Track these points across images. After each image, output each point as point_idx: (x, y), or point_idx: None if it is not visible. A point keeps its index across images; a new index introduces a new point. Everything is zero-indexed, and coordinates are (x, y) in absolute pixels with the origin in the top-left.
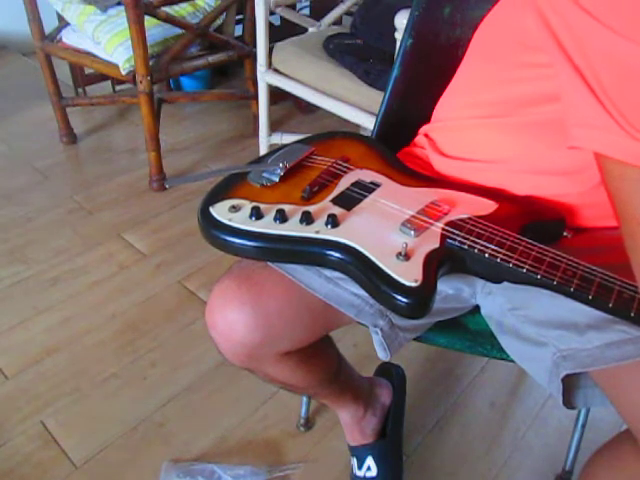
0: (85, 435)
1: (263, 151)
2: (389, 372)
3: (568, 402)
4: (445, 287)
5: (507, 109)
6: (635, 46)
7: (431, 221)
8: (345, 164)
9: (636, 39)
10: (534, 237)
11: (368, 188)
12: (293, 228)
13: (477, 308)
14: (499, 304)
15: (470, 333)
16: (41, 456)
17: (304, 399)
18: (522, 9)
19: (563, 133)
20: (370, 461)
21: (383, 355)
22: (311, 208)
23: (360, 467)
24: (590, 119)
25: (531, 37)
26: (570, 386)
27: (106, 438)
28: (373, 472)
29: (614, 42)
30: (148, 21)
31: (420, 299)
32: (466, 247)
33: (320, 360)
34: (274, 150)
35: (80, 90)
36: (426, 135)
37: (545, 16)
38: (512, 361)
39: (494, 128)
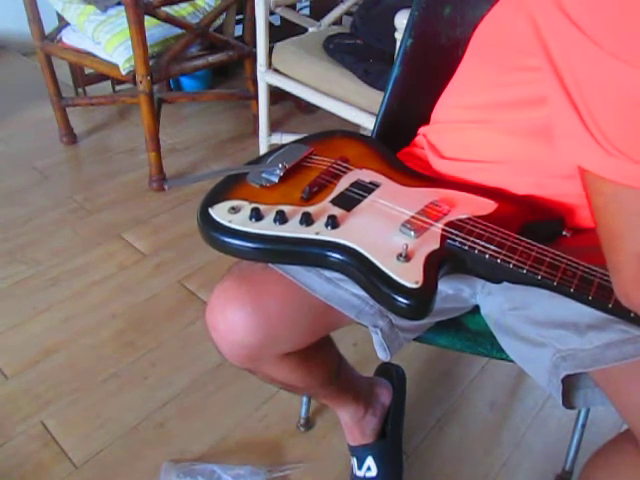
0: (85, 435)
1: (263, 151)
2: (389, 372)
3: (568, 402)
4: (445, 287)
5: (503, 112)
6: (620, 64)
7: (431, 222)
8: (344, 164)
9: (621, 57)
10: (533, 236)
11: (368, 188)
12: (293, 229)
13: (477, 308)
14: (499, 304)
15: (470, 333)
16: (41, 456)
17: (304, 399)
18: (516, 13)
19: None
20: (370, 461)
21: (383, 355)
22: (311, 209)
23: (360, 467)
24: (569, 131)
25: (524, 41)
26: (570, 386)
27: (106, 438)
28: (373, 472)
29: (600, 58)
30: (148, 21)
31: (421, 300)
32: (466, 248)
33: (320, 360)
34: (273, 150)
35: (80, 90)
36: (424, 136)
37: (536, 22)
38: (512, 361)
39: (491, 130)
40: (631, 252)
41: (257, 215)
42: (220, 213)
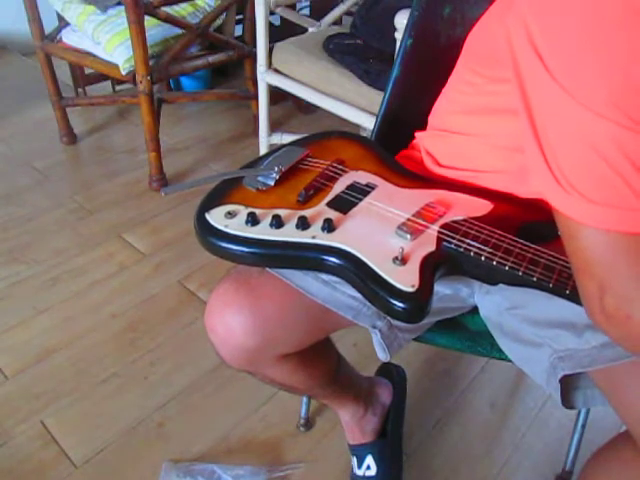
0: (85, 435)
1: (263, 151)
2: (390, 372)
3: (568, 402)
4: (443, 287)
5: (491, 120)
6: (575, 104)
7: (427, 224)
8: (340, 166)
9: (577, 97)
10: (530, 237)
11: (363, 191)
12: (289, 234)
13: (477, 308)
14: (497, 303)
15: (470, 333)
16: (41, 456)
17: (304, 399)
18: (499, 22)
19: None
20: (370, 460)
21: (383, 356)
22: (307, 212)
23: (360, 466)
24: (534, 162)
25: (504, 53)
26: (569, 386)
27: (106, 438)
28: (373, 471)
29: (558, 95)
30: (148, 21)
31: (417, 304)
32: (462, 250)
33: (319, 361)
34: (269, 152)
35: (80, 90)
36: (421, 141)
37: (511, 42)
38: (512, 361)
39: (482, 143)
40: (593, 286)
41: (253, 220)
42: (216, 218)
